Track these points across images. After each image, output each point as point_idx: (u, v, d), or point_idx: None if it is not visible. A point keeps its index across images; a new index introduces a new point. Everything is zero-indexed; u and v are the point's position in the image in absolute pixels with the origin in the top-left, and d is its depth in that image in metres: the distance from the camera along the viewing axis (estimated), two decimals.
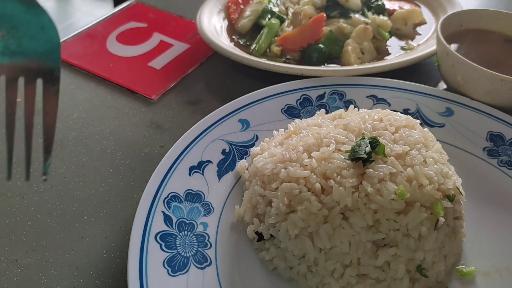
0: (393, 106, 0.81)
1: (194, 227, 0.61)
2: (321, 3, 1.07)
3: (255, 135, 0.75)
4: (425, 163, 0.58)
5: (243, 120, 0.77)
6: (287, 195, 0.56)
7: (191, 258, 0.57)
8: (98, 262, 0.62)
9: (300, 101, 0.82)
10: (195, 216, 0.62)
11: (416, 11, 1.12)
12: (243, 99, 0.79)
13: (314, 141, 0.61)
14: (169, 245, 0.58)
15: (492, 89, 0.78)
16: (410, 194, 0.54)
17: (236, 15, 1.12)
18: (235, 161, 0.71)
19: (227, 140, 0.73)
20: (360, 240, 0.54)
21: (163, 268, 0.55)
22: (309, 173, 0.57)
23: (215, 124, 0.74)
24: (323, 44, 0.98)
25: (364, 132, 0.60)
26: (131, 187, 0.73)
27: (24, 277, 0.60)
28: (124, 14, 1.21)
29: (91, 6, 3.72)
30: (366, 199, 0.54)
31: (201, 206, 0.64)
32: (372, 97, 0.83)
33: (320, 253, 0.55)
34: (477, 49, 0.91)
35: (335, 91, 0.84)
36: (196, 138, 0.71)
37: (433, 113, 0.81)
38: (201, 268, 0.57)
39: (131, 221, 0.59)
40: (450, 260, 0.58)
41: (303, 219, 0.54)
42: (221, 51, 0.95)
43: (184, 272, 0.56)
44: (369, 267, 0.55)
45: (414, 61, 0.93)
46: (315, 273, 0.56)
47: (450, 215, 0.57)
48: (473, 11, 0.94)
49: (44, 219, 0.68)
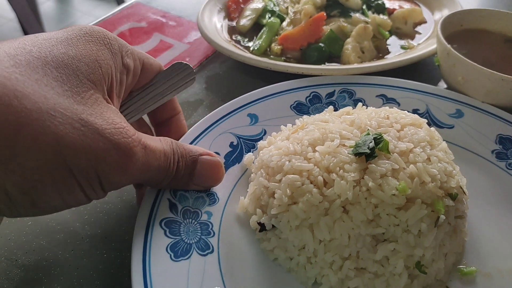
0: (403, 106, 0.82)
1: (198, 215, 0.62)
2: (321, 2, 1.08)
3: (263, 129, 0.76)
4: (429, 161, 0.58)
5: (252, 114, 0.78)
6: (290, 187, 0.57)
7: (194, 245, 0.59)
8: (98, 262, 0.62)
9: (310, 98, 0.83)
10: (200, 205, 0.64)
11: (416, 10, 1.13)
12: (252, 94, 0.80)
13: (320, 136, 0.62)
14: (173, 232, 0.59)
15: (493, 89, 0.79)
16: (411, 190, 0.54)
17: (236, 15, 1.14)
18: (242, 154, 0.72)
19: (236, 134, 0.74)
20: (360, 234, 0.55)
21: (166, 253, 0.56)
22: (312, 166, 0.57)
23: (224, 118, 0.76)
24: (323, 43, 0.99)
25: (369, 129, 0.61)
26: (131, 187, 0.72)
27: (24, 277, 0.60)
28: (124, 14, 1.22)
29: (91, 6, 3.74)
30: (367, 194, 0.54)
31: (206, 196, 0.65)
32: (381, 97, 0.83)
33: (319, 245, 0.56)
34: (477, 48, 0.91)
35: (345, 89, 0.84)
36: (205, 131, 0.73)
37: (443, 114, 0.80)
38: (203, 255, 0.58)
39: (131, 221, 0.59)
40: (451, 259, 0.59)
41: (304, 210, 0.55)
42: (222, 50, 0.96)
43: (187, 258, 0.57)
44: (368, 261, 0.56)
45: (414, 60, 0.93)
46: (314, 265, 0.57)
47: (452, 214, 0.57)
48: (473, 11, 0.95)
49: (44, 219, 0.67)
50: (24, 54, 0.45)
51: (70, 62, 0.48)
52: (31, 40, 0.48)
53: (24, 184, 0.43)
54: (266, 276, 0.59)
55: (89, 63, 0.50)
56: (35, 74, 0.44)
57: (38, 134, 0.42)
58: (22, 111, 0.41)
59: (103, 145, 0.47)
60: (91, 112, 0.47)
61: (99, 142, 0.46)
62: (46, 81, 0.45)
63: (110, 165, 0.48)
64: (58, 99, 0.45)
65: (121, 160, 0.49)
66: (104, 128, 0.47)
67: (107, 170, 0.48)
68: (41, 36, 0.49)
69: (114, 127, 0.49)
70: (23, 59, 0.45)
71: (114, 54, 0.54)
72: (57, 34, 0.50)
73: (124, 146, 0.49)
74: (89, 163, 0.46)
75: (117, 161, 0.49)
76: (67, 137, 0.44)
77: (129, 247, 0.55)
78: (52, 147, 0.43)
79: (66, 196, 0.47)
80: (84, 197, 0.49)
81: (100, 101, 0.50)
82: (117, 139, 0.48)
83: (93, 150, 0.46)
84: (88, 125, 0.46)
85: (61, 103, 0.45)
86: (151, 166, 0.54)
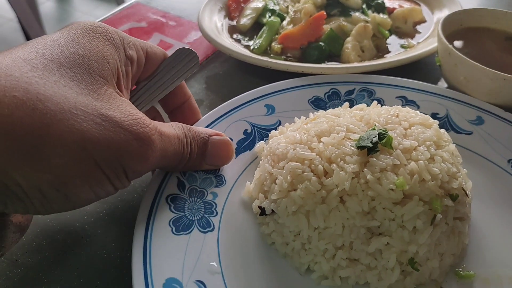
0: (422, 109, 0.81)
1: (204, 195, 0.65)
2: (322, 1, 1.09)
3: (278, 120, 0.78)
4: (432, 160, 0.58)
5: (269, 105, 0.80)
6: (291, 174, 0.59)
7: (196, 222, 0.61)
8: (98, 262, 0.62)
9: (328, 94, 0.84)
10: (207, 186, 0.66)
11: (416, 9, 1.13)
12: (272, 86, 0.82)
13: (327, 128, 0.63)
14: (177, 207, 0.62)
15: (495, 88, 0.78)
16: (409, 186, 0.54)
17: (237, 14, 1.15)
18: (254, 142, 0.74)
19: (251, 122, 0.77)
20: (354, 225, 0.56)
21: (168, 226, 0.59)
22: (315, 156, 0.59)
23: (241, 106, 0.78)
24: (323, 42, 1.00)
25: (376, 124, 0.62)
26: (131, 187, 0.73)
27: (24, 277, 0.60)
28: (124, 14, 1.22)
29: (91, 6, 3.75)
30: (365, 186, 0.55)
31: (214, 178, 0.68)
32: (401, 98, 0.83)
33: (314, 232, 0.57)
34: (477, 48, 0.90)
35: (365, 88, 0.85)
36: (221, 117, 0.75)
37: (463, 120, 0.79)
38: (203, 232, 0.60)
39: (131, 221, 0.60)
40: (447, 260, 0.58)
41: (302, 197, 0.57)
42: (222, 49, 0.97)
43: (187, 232, 0.59)
44: (361, 253, 0.56)
45: (414, 59, 0.93)
46: (308, 251, 0.58)
47: (451, 214, 0.57)
48: (473, 10, 0.95)
49: (44, 219, 0.67)
50: (39, 58, 0.48)
51: (82, 61, 0.51)
52: (41, 44, 0.50)
53: (56, 181, 0.46)
54: (262, 259, 0.61)
55: (98, 60, 0.53)
56: (53, 76, 0.47)
57: (64, 132, 0.45)
58: (47, 112, 0.44)
59: (124, 137, 0.50)
60: (109, 106, 0.50)
61: (120, 134, 0.50)
62: (64, 82, 0.48)
63: (132, 155, 0.51)
64: (78, 98, 0.48)
65: (141, 149, 0.52)
66: (123, 121, 0.51)
67: (130, 160, 0.51)
68: (49, 38, 0.52)
69: (132, 119, 0.52)
70: (39, 63, 0.47)
71: (117, 48, 0.57)
72: (62, 35, 0.53)
73: (143, 136, 0.52)
74: (113, 155, 0.49)
75: (138, 151, 0.52)
76: (90, 133, 0.47)
77: (129, 247, 0.56)
78: (78, 143, 0.46)
79: (95, 188, 0.50)
80: (112, 188, 0.52)
81: (114, 96, 0.53)
82: (136, 129, 0.51)
83: (116, 143, 0.49)
84: (108, 119, 0.49)
85: (81, 101, 0.48)
86: (168, 152, 0.57)
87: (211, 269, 0.57)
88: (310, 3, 1.07)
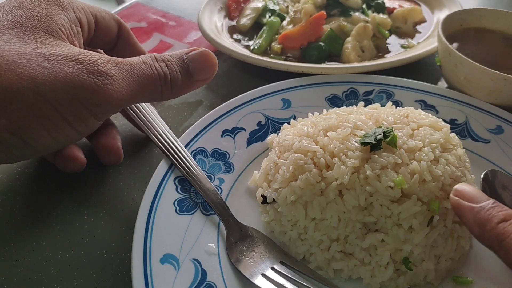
0: (441, 114, 0.80)
1: (211, 179, 0.67)
2: (322, 1, 1.08)
3: (293, 114, 0.80)
4: (436, 162, 0.58)
5: (286, 100, 0.81)
6: (294, 164, 0.60)
7: (200, 204, 0.63)
8: (98, 262, 0.62)
9: (347, 93, 0.84)
10: (215, 171, 0.68)
11: (416, 9, 1.12)
12: (290, 82, 0.83)
13: (335, 123, 0.63)
14: (184, 189, 0.64)
15: (495, 89, 0.78)
16: (409, 185, 0.55)
17: (236, 14, 1.15)
18: (267, 134, 0.76)
19: (265, 114, 0.78)
20: (350, 218, 0.56)
21: (173, 206, 0.62)
22: (318, 148, 0.60)
23: (258, 98, 0.80)
24: (323, 42, 0.99)
25: (384, 123, 0.62)
26: (131, 187, 0.73)
27: (24, 277, 0.60)
28: (124, 14, 1.23)
29: None
30: (364, 182, 0.56)
31: (223, 165, 0.70)
32: (421, 102, 0.83)
33: (310, 223, 0.58)
34: (477, 48, 0.89)
35: (384, 90, 0.85)
36: (237, 107, 0.77)
37: (481, 128, 0.78)
38: (205, 214, 0.63)
39: (131, 221, 0.60)
40: (444, 264, 0.58)
41: (302, 188, 0.58)
42: (222, 49, 0.97)
43: (190, 213, 0.62)
44: (355, 247, 0.57)
45: (414, 59, 0.93)
46: (304, 242, 0.59)
47: (450, 217, 0.56)
48: (473, 10, 0.94)
49: (44, 219, 0.68)
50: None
51: (24, 22, 0.54)
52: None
53: (11, 126, 0.49)
54: None
55: (41, 19, 0.56)
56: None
57: (14, 80, 0.48)
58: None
59: (74, 73, 0.51)
60: (54, 50, 0.53)
61: (69, 71, 0.51)
62: (7, 39, 0.51)
63: (88, 89, 0.52)
64: (21, 49, 0.51)
65: (97, 81, 0.52)
66: (70, 57, 0.52)
67: (88, 95, 0.52)
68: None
69: (78, 54, 0.53)
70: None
71: (65, 9, 0.60)
72: (10, 2, 0.57)
73: (95, 67, 0.53)
74: (68, 94, 0.51)
75: (94, 83, 0.52)
76: (40, 77, 0.49)
77: (129, 247, 0.56)
78: (30, 89, 0.49)
79: (53, 133, 0.52)
80: (74, 131, 0.54)
81: (61, 44, 0.55)
82: (86, 62, 0.53)
83: (68, 80, 0.51)
84: (53, 60, 0.51)
85: (24, 52, 0.51)
86: (136, 78, 0.57)
87: (208, 250, 0.59)
88: (310, 3, 1.07)
